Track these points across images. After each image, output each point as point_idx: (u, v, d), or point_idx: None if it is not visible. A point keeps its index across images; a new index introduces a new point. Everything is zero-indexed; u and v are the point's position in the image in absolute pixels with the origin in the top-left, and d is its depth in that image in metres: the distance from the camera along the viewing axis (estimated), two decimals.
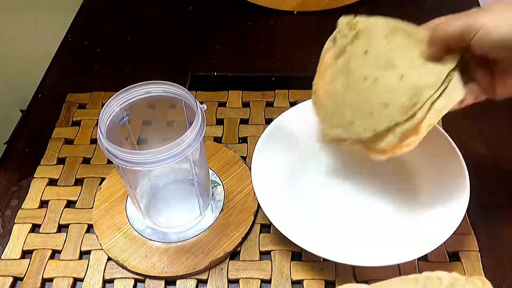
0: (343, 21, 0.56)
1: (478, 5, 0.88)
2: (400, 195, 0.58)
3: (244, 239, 0.57)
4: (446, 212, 0.53)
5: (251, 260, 0.55)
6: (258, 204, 0.57)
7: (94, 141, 0.69)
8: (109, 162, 0.65)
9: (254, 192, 0.57)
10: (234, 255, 0.56)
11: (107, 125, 0.49)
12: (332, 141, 0.53)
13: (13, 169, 0.67)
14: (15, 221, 0.60)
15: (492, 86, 0.45)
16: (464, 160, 0.56)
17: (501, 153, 0.64)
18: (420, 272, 0.52)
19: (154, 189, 0.61)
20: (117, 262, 0.56)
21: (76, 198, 0.62)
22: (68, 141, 0.70)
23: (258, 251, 0.56)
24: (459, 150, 0.58)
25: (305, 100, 0.66)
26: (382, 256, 0.50)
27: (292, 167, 0.61)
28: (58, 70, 0.82)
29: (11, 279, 0.55)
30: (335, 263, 0.53)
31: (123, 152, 0.45)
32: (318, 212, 0.57)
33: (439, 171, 0.57)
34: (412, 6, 0.89)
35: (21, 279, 0.55)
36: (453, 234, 0.50)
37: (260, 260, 0.56)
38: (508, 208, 0.59)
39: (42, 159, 0.67)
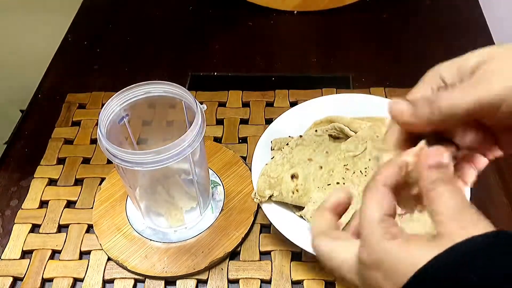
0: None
1: (477, 3, 0.88)
2: None
3: (244, 239, 0.57)
4: None
5: (251, 260, 0.55)
6: (258, 204, 0.57)
7: (94, 141, 0.69)
8: (109, 162, 0.65)
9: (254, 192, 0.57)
10: (234, 255, 0.56)
11: (107, 125, 0.49)
12: None
13: (13, 169, 0.67)
14: (15, 221, 0.60)
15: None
16: None
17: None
18: None
19: (154, 189, 0.61)
20: (117, 262, 0.56)
21: (76, 198, 0.62)
22: (68, 141, 0.70)
23: (258, 251, 0.56)
24: None
25: (305, 100, 0.66)
26: None
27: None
28: (58, 70, 0.82)
29: (11, 279, 0.55)
30: None
31: (123, 152, 0.45)
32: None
33: None
34: (412, 4, 0.89)
35: (21, 279, 0.55)
36: None
37: (260, 260, 0.56)
38: (508, 208, 0.59)
39: (42, 159, 0.67)
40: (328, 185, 0.54)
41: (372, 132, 0.57)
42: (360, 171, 0.55)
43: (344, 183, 0.54)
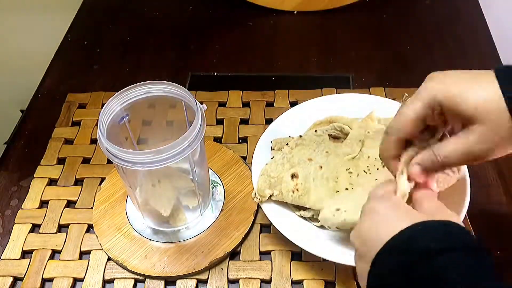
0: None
1: (477, 3, 0.88)
2: None
3: (244, 239, 0.57)
4: None
5: (251, 260, 0.55)
6: (258, 204, 0.57)
7: (94, 141, 0.69)
8: (109, 162, 0.65)
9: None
10: (234, 255, 0.56)
11: (107, 125, 0.49)
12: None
13: (13, 169, 0.67)
14: (15, 221, 0.60)
15: None
16: None
17: None
18: None
19: (154, 189, 0.61)
20: (117, 262, 0.56)
21: (76, 198, 0.62)
22: (68, 141, 0.70)
23: (258, 251, 0.56)
24: None
25: (305, 100, 0.66)
26: None
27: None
28: (58, 70, 0.82)
29: (11, 279, 0.55)
30: (335, 263, 0.53)
31: (123, 152, 0.45)
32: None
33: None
34: (411, 4, 0.89)
35: (21, 279, 0.55)
36: None
37: (260, 260, 0.56)
38: (508, 208, 0.59)
39: (42, 159, 0.67)
40: (336, 192, 0.54)
41: (362, 130, 0.57)
42: (364, 171, 0.55)
43: (352, 188, 0.54)
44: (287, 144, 0.59)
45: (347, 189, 0.54)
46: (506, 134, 0.36)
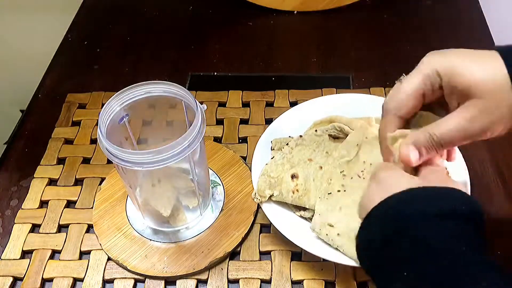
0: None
1: (477, 3, 0.88)
2: None
3: (244, 239, 0.57)
4: None
5: (251, 260, 0.55)
6: (258, 204, 0.57)
7: (94, 141, 0.69)
8: (109, 162, 0.65)
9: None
10: (234, 255, 0.56)
11: (107, 125, 0.49)
12: None
13: (13, 169, 0.67)
14: (15, 221, 0.60)
15: None
16: (465, 160, 0.56)
17: (501, 153, 0.64)
18: None
19: (154, 189, 0.61)
20: (117, 262, 0.56)
21: (76, 198, 0.62)
22: (68, 141, 0.70)
23: (258, 251, 0.56)
24: (460, 150, 0.58)
25: (305, 100, 0.66)
26: None
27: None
28: (58, 70, 0.82)
29: (11, 279, 0.55)
30: (335, 263, 0.53)
31: (123, 152, 0.45)
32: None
33: None
34: (411, 4, 0.89)
35: (21, 279, 0.55)
36: None
37: (260, 260, 0.56)
38: (508, 208, 0.59)
39: (42, 159, 0.67)
40: (329, 194, 0.54)
41: (361, 135, 0.57)
42: (358, 175, 0.54)
43: (345, 190, 0.54)
44: (287, 144, 0.59)
45: (339, 191, 0.54)
46: (506, 110, 0.35)
